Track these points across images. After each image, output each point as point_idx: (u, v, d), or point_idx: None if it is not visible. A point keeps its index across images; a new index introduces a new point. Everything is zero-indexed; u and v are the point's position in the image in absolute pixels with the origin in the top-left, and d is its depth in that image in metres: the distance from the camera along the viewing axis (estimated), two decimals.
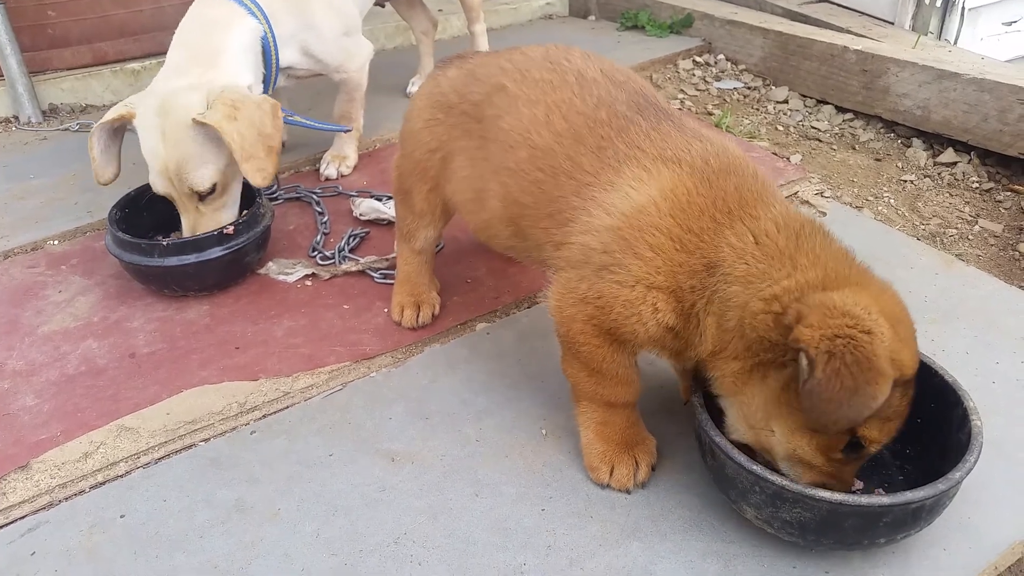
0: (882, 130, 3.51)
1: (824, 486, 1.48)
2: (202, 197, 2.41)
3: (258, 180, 2.36)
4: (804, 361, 1.37)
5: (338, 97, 3.13)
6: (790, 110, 3.72)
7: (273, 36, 2.64)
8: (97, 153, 2.46)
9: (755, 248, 1.50)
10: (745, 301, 1.48)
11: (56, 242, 2.83)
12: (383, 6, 3.67)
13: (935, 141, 3.35)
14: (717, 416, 1.63)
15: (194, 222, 2.43)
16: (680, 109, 3.71)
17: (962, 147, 3.27)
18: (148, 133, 2.36)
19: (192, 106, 2.34)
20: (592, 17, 4.95)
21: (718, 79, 4.03)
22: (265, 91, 2.72)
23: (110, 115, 2.40)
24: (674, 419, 1.94)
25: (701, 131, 1.72)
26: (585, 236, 1.64)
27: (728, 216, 1.54)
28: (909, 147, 3.37)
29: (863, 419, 1.37)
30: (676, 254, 1.54)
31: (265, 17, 2.61)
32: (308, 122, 2.91)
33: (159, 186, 2.39)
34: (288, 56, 2.75)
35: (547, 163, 1.75)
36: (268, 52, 2.65)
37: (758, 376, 1.49)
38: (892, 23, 3.96)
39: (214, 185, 2.40)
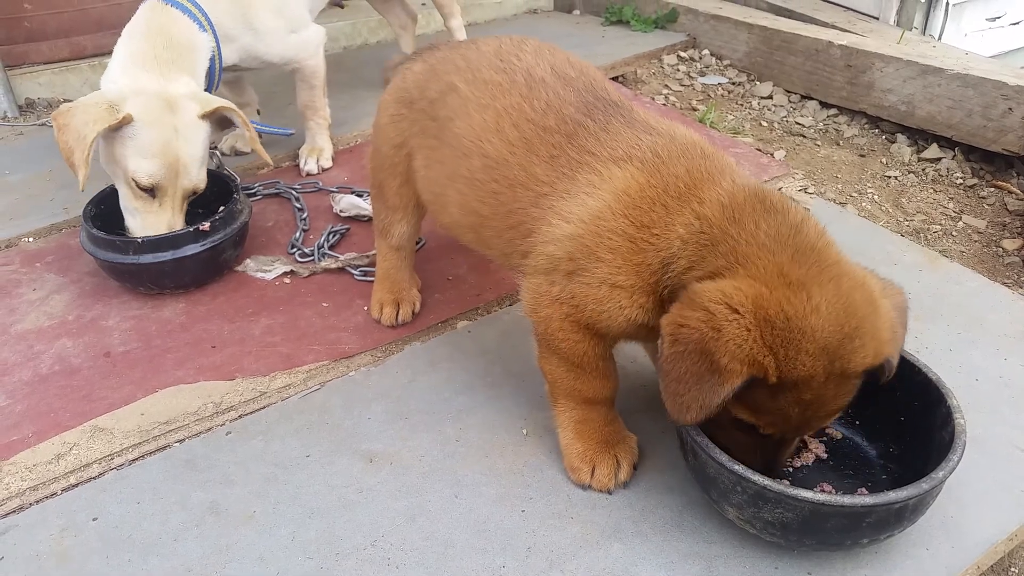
0: (866, 126, 3.50)
1: (731, 452, 1.52)
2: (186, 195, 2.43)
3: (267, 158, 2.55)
4: (660, 341, 1.43)
5: (297, 87, 3.06)
6: (774, 106, 3.70)
7: (218, 43, 2.61)
8: (90, 160, 2.29)
9: (699, 236, 1.50)
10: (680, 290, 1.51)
11: (31, 239, 2.78)
12: (341, 7, 3.58)
13: (919, 137, 3.34)
14: None
15: (172, 219, 2.41)
16: (664, 104, 3.69)
17: (946, 143, 3.26)
18: (158, 128, 2.32)
19: (193, 110, 2.38)
20: (577, 11, 4.92)
21: (703, 74, 4.01)
22: (209, 89, 2.66)
23: (109, 120, 2.25)
24: (656, 418, 1.92)
25: (650, 122, 1.70)
26: (548, 246, 1.63)
27: (678, 201, 1.54)
28: (893, 143, 3.36)
29: (713, 407, 1.38)
30: (633, 255, 1.54)
31: (212, 25, 2.58)
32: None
33: (157, 176, 2.33)
34: (230, 57, 2.71)
35: (501, 174, 1.73)
36: (213, 60, 2.62)
37: None
38: (877, 18, 3.95)
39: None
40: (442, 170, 1.89)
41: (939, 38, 3.88)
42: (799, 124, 3.54)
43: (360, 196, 2.84)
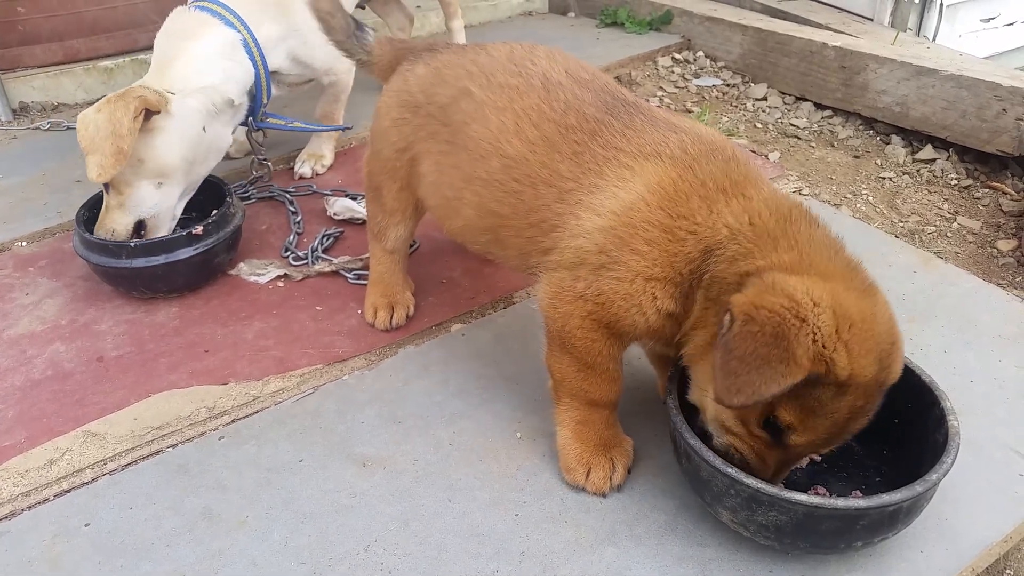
0: (861, 127, 3.50)
1: (742, 459, 1.51)
2: (107, 190, 2.38)
3: (93, 175, 2.24)
4: (727, 318, 1.40)
5: (322, 98, 3.11)
6: (769, 107, 3.70)
7: (256, 42, 2.61)
8: None
9: (749, 228, 1.51)
10: (725, 276, 1.50)
11: (24, 243, 2.77)
12: (363, 7, 3.63)
13: (914, 138, 3.34)
14: (692, 419, 1.60)
15: (102, 216, 2.40)
16: (659, 107, 3.69)
17: (940, 144, 3.26)
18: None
19: (129, 107, 2.30)
20: (572, 14, 4.92)
21: (697, 76, 4.01)
22: (259, 98, 2.69)
23: None
24: (650, 421, 1.92)
25: (673, 121, 1.72)
26: (577, 239, 1.63)
27: (723, 194, 1.55)
28: (888, 144, 3.36)
29: (767, 396, 1.34)
30: (671, 244, 1.54)
31: (244, 24, 2.58)
32: (307, 126, 2.95)
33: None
34: (275, 61, 2.72)
35: (522, 172, 1.74)
36: (253, 58, 2.62)
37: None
38: (871, 19, 3.95)
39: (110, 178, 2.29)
40: (456, 174, 1.88)
41: (933, 39, 3.88)
42: (793, 125, 3.54)
43: (354, 199, 2.84)
